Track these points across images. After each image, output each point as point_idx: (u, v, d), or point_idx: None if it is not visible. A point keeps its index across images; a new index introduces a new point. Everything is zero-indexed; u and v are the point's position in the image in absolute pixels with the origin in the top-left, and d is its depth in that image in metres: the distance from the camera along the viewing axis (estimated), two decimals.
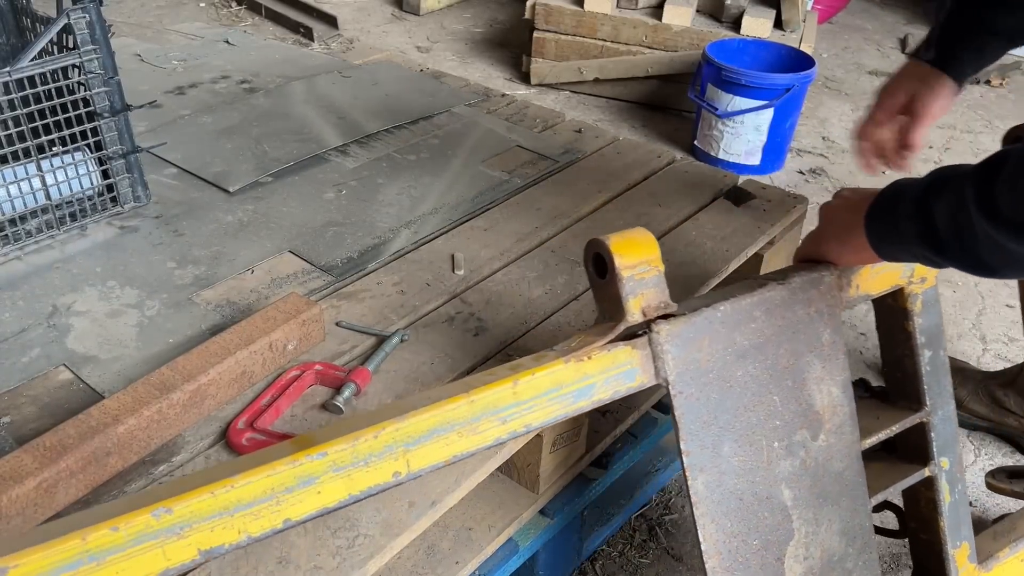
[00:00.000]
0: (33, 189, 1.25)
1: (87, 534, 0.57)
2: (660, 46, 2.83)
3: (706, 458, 0.88)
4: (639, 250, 0.84)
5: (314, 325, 1.08)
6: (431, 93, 1.84)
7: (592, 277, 0.87)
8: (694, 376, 0.87)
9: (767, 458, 0.92)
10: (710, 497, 0.88)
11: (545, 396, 0.79)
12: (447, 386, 0.77)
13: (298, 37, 3.37)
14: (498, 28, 3.62)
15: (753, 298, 0.91)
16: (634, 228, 0.86)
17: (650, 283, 0.84)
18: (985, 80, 3.32)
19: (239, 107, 1.72)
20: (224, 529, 0.63)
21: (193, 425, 0.98)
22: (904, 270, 1.04)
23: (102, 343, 1.10)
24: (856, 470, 0.99)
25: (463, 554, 0.99)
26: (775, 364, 0.93)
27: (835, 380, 0.97)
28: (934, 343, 1.08)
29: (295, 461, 0.66)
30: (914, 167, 1.19)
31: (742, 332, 0.91)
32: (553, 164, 1.58)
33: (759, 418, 0.91)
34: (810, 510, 0.95)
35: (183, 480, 0.64)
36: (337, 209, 1.40)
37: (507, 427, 0.77)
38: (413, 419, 0.71)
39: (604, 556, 1.38)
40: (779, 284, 0.94)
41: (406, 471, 0.71)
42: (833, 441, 0.97)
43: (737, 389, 0.90)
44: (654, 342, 0.85)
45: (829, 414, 0.97)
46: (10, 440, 0.94)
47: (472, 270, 1.27)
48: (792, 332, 0.94)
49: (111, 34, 1.24)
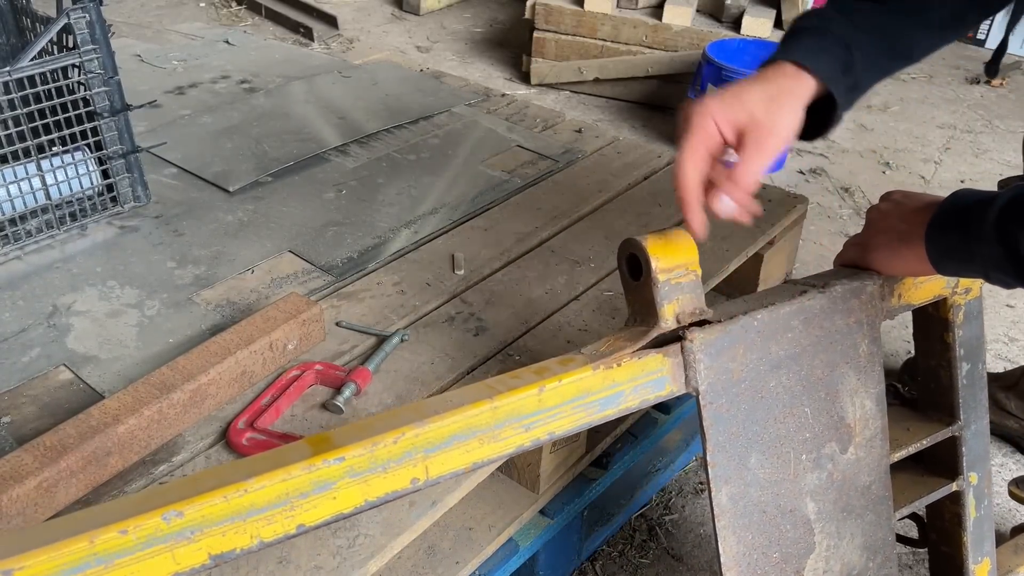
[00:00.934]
0: (33, 189, 1.25)
1: (95, 536, 0.56)
2: (660, 46, 2.83)
3: (732, 470, 0.85)
4: (677, 253, 0.80)
5: (314, 325, 1.08)
6: (431, 93, 1.84)
7: (624, 277, 0.83)
8: (726, 386, 0.84)
9: (794, 471, 0.89)
10: (733, 509, 0.85)
11: (570, 403, 0.76)
12: (469, 389, 0.74)
13: (298, 37, 3.37)
14: (498, 28, 3.62)
15: (792, 306, 0.87)
16: (672, 228, 0.81)
17: (686, 288, 0.80)
18: (985, 80, 3.32)
19: (239, 107, 1.72)
20: (236, 534, 0.61)
21: (193, 425, 0.98)
22: (949, 280, 0.99)
23: (102, 343, 1.09)
24: (883, 484, 0.96)
25: (463, 554, 0.99)
26: (809, 375, 0.89)
27: (869, 393, 0.94)
28: (973, 356, 1.03)
29: (311, 466, 0.63)
30: (909, 168, 1.14)
31: (778, 342, 0.86)
32: (553, 164, 1.58)
33: (789, 430, 0.88)
34: (833, 524, 0.92)
35: (194, 480, 0.62)
36: (337, 209, 1.40)
37: (530, 435, 0.74)
38: (434, 424, 0.69)
39: (604, 556, 1.38)
40: (820, 292, 0.89)
41: (424, 477, 0.69)
42: (862, 455, 0.94)
43: (768, 400, 0.87)
44: (687, 350, 0.81)
45: (860, 427, 0.93)
46: (10, 440, 0.94)
47: (472, 270, 1.27)
48: (829, 343, 0.90)
49: (111, 34, 1.24)
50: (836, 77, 0.83)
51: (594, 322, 1.18)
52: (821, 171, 2.63)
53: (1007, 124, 3.01)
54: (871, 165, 2.67)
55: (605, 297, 1.23)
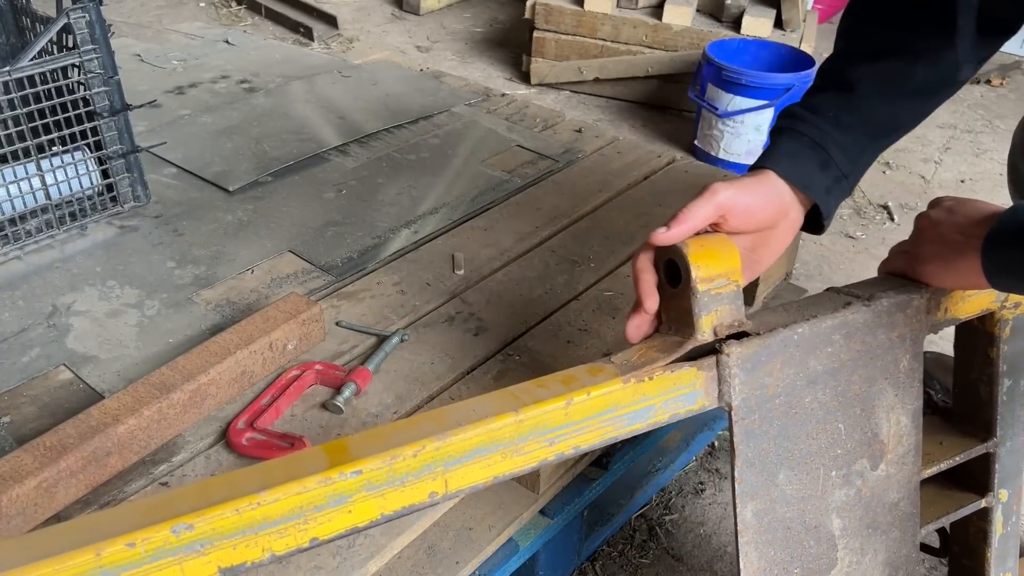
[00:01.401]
0: (33, 189, 1.25)
1: (102, 549, 0.54)
2: (660, 46, 2.83)
3: (759, 486, 0.82)
4: (719, 262, 0.76)
5: (314, 325, 1.08)
6: (431, 93, 1.84)
7: (662, 283, 0.79)
8: (760, 402, 0.80)
9: (822, 487, 0.86)
10: (757, 525, 0.82)
11: (598, 417, 0.72)
12: (493, 397, 0.71)
13: (298, 37, 3.37)
14: (498, 28, 3.62)
15: (835, 320, 0.84)
16: (714, 235, 0.78)
17: (726, 299, 0.76)
18: (985, 80, 3.32)
19: (239, 107, 1.72)
20: (247, 547, 0.59)
21: (193, 425, 0.98)
22: (998, 294, 0.95)
23: (102, 343, 1.09)
24: (911, 501, 0.93)
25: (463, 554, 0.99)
26: (846, 391, 0.85)
27: (906, 409, 0.90)
28: (1016, 372, 1.00)
29: (327, 479, 0.61)
30: (909, 168, 1.13)
31: (817, 356, 0.83)
32: (553, 164, 1.58)
33: (820, 446, 0.85)
34: (857, 540, 0.89)
35: (205, 489, 0.60)
36: (337, 209, 1.40)
37: (554, 449, 0.71)
38: (456, 437, 0.66)
39: (604, 556, 1.38)
40: (865, 306, 0.86)
41: (443, 491, 0.67)
42: (893, 471, 0.91)
43: (802, 416, 0.83)
44: (722, 364, 0.77)
45: (894, 444, 0.90)
46: (10, 440, 0.94)
47: (472, 270, 1.27)
48: (870, 358, 0.86)
49: (111, 34, 1.24)
50: (812, 179, 0.85)
51: (594, 322, 1.18)
52: None
53: (1007, 124, 3.00)
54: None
55: (605, 297, 1.23)
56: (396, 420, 1.01)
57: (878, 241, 2.27)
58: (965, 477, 1.06)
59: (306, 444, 0.94)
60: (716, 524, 1.44)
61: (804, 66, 2.48)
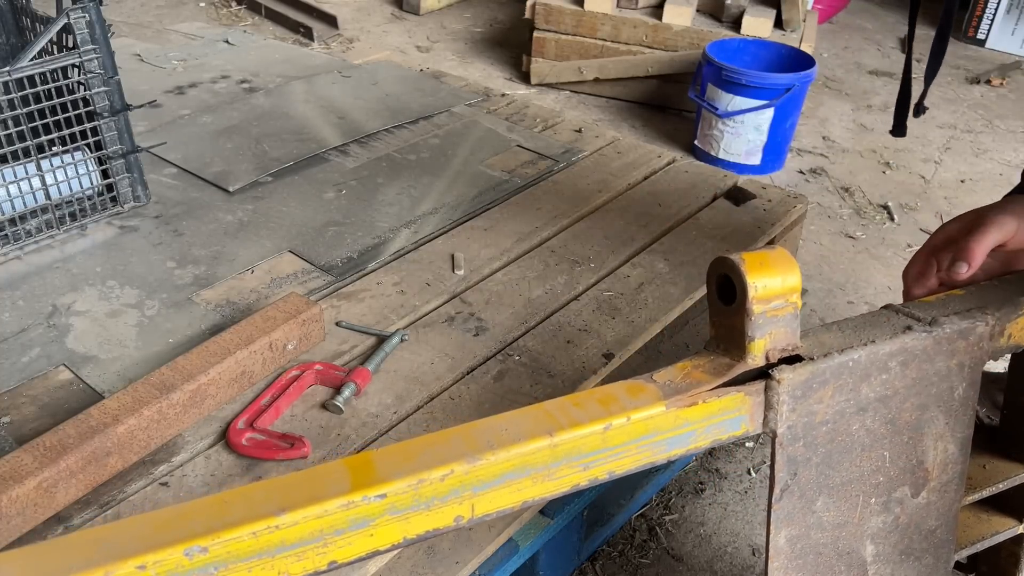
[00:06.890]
0: (33, 189, 1.25)
1: (111, 571, 0.52)
2: (660, 46, 2.83)
3: (796, 512, 0.78)
4: (779, 282, 0.71)
5: (314, 325, 1.08)
6: (431, 93, 1.84)
7: (712, 298, 0.74)
8: (806, 429, 0.76)
9: (860, 515, 0.82)
10: (790, 551, 0.79)
11: (636, 442, 0.68)
12: (526, 415, 0.67)
13: (298, 37, 3.37)
14: (498, 28, 3.62)
15: (893, 346, 0.79)
16: (775, 248, 0.73)
17: (782, 322, 0.72)
18: (985, 80, 3.31)
19: (239, 107, 1.72)
20: (262, 570, 0.57)
21: (193, 425, 0.98)
22: None
23: (102, 343, 1.09)
24: (948, 528, 0.90)
25: (463, 554, 0.99)
26: (896, 419, 0.81)
27: (955, 437, 0.86)
28: None
29: (350, 502, 0.58)
30: (910, 168, 1.14)
31: (870, 384, 0.78)
32: (553, 164, 1.58)
33: (863, 473, 0.81)
34: (889, 566, 0.86)
35: (220, 506, 0.57)
36: (337, 209, 1.40)
37: (588, 473, 0.67)
38: (486, 460, 0.63)
39: (604, 556, 1.38)
40: (926, 332, 0.81)
41: (469, 515, 0.64)
42: (934, 499, 0.87)
43: (848, 443, 0.79)
44: (771, 389, 0.72)
45: (938, 472, 0.86)
46: (10, 440, 0.94)
47: (472, 270, 1.27)
48: (925, 385, 0.82)
49: (111, 34, 1.24)
50: None
51: (594, 322, 1.18)
52: (821, 171, 2.63)
53: (1007, 124, 3.00)
54: (871, 165, 2.67)
55: (605, 297, 1.23)
56: (401, 422, 1.01)
57: (878, 241, 2.27)
58: (1003, 501, 1.03)
59: (306, 444, 0.94)
60: (716, 524, 1.44)
61: (804, 66, 2.47)
